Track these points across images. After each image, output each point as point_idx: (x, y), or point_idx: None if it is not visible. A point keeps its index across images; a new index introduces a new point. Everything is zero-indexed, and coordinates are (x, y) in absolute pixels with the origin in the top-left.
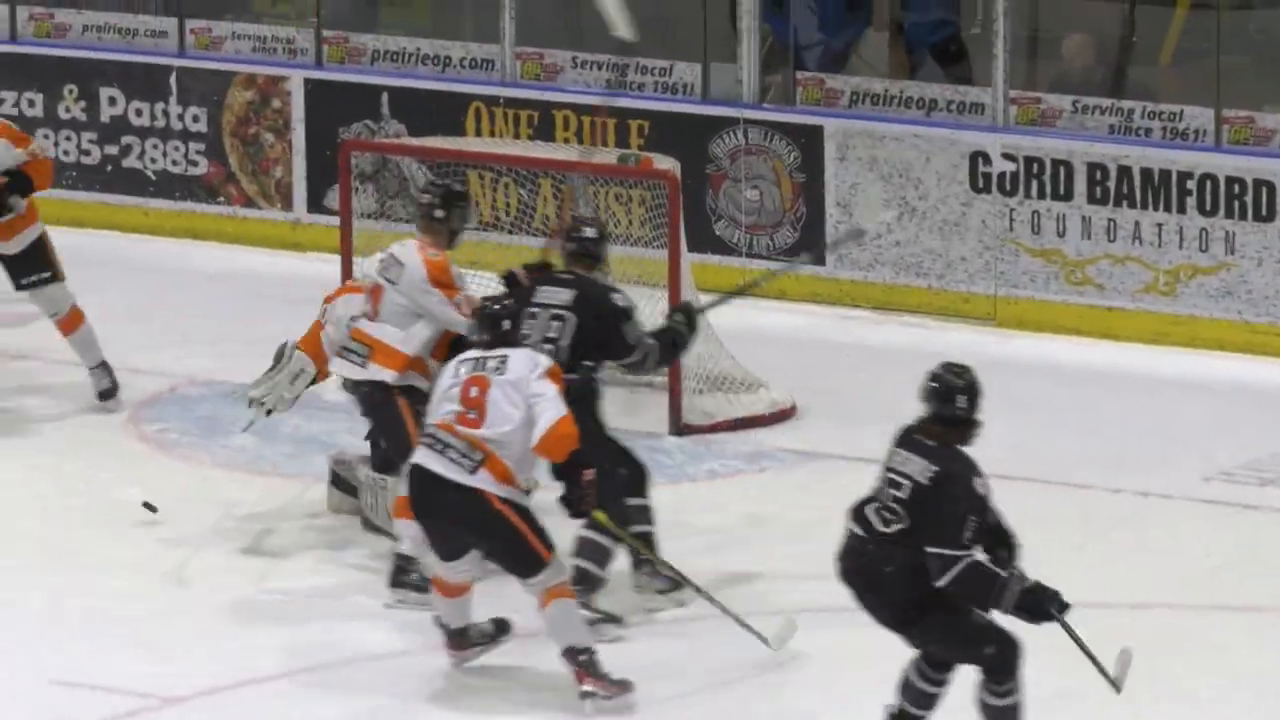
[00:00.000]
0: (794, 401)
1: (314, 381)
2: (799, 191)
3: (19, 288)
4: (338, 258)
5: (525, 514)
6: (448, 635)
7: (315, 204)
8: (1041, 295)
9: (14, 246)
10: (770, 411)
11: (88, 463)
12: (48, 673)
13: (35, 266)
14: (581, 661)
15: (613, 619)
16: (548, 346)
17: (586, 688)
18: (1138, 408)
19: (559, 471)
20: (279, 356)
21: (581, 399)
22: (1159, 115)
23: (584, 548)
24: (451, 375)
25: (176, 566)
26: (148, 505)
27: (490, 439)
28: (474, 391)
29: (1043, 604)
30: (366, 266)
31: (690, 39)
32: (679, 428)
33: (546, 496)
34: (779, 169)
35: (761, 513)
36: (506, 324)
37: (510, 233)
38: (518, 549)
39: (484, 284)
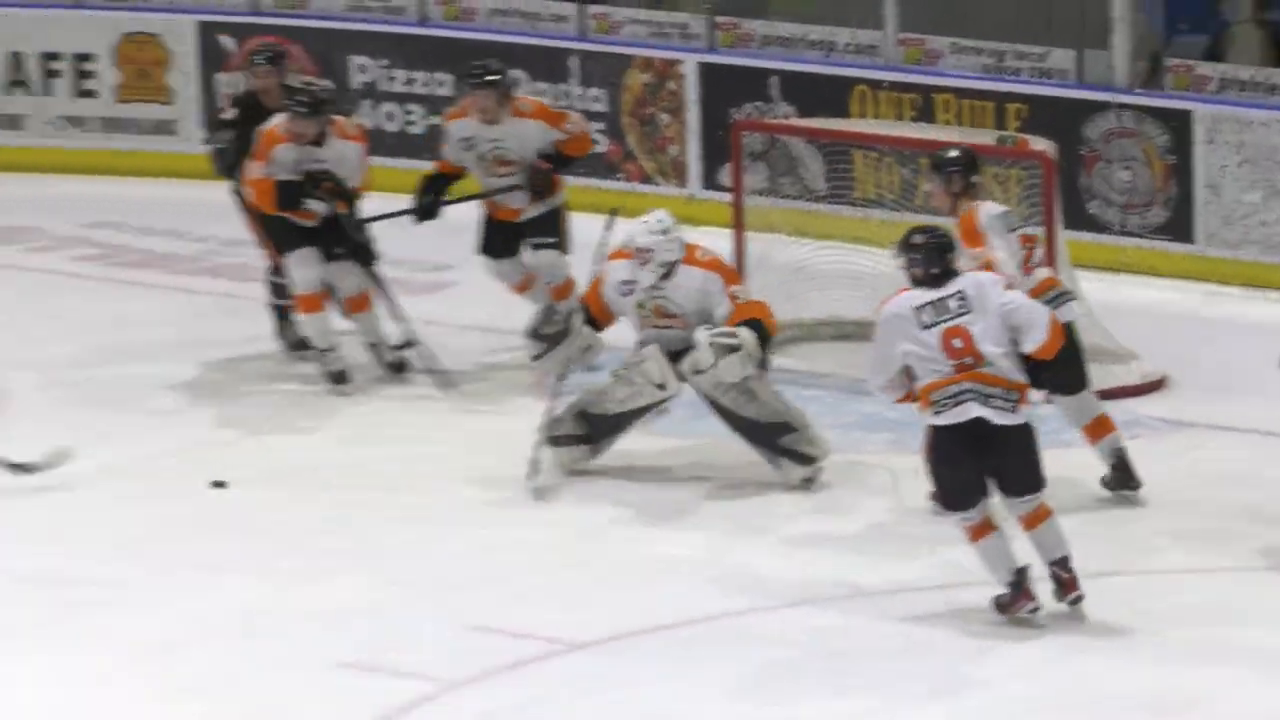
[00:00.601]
0: (1165, 373)
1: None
2: (1169, 173)
3: (529, 247)
4: (730, 232)
5: None
6: (1012, 589)
7: (709, 181)
8: None
9: (533, 211)
10: (1142, 382)
11: (505, 421)
12: (463, 619)
13: (546, 231)
14: (1070, 568)
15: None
16: None
17: (1079, 593)
18: None
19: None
20: (559, 319)
21: None
22: None
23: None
24: (915, 325)
25: (588, 520)
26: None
27: (1018, 379)
28: (957, 343)
29: None
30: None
31: (1066, 26)
32: (1052, 397)
33: None
34: (1150, 151)
35: None
36: (951, 255)
37: (893, 209)
38: (1036, 468)
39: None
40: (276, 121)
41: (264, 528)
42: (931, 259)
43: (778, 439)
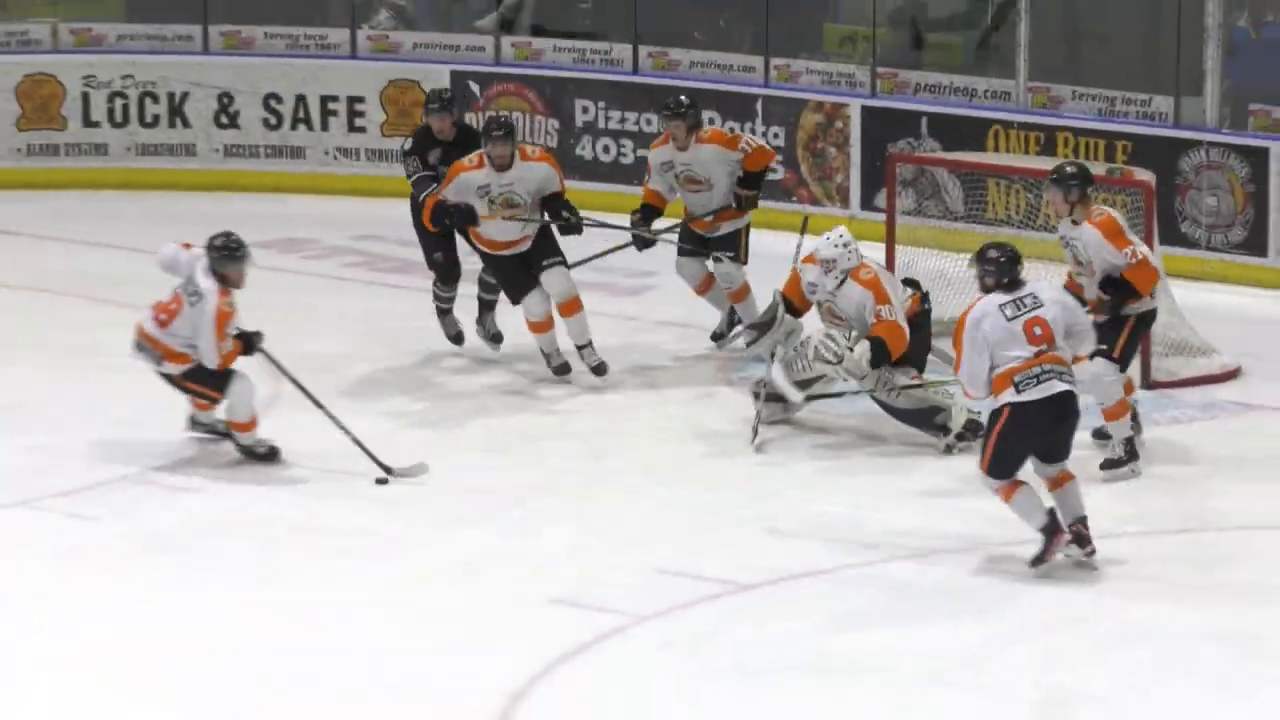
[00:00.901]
0: (1239, 365)
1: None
2: (1248, 200)
3: (712, 259)
4: (882, 245)
5: None
6: (1046, 532)
7: (867, 203)
8: None
9: (723, 229)
10: (1220, 372)
11: (692, 402)
12: (651, 564)
13: (729, 246)
14: (1087, 525)
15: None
16: None
17: (1094, 547)
18: None
19: None
20: (773, 308)
21: None
22: None
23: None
24: (1002, 318)
25: (759, 483)
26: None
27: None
28: (1038, 330)
29: None
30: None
31: (1166, 77)
32: (1148, 383)
33: None
34: (1233, 181)
35: (1211, 450)
36: (1019, 267)
37: (1019, 228)
38: (1072, 436)
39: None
40: (469, 155)
41: (488, 487)
42: (1003, 270)
43: (930, 419)
